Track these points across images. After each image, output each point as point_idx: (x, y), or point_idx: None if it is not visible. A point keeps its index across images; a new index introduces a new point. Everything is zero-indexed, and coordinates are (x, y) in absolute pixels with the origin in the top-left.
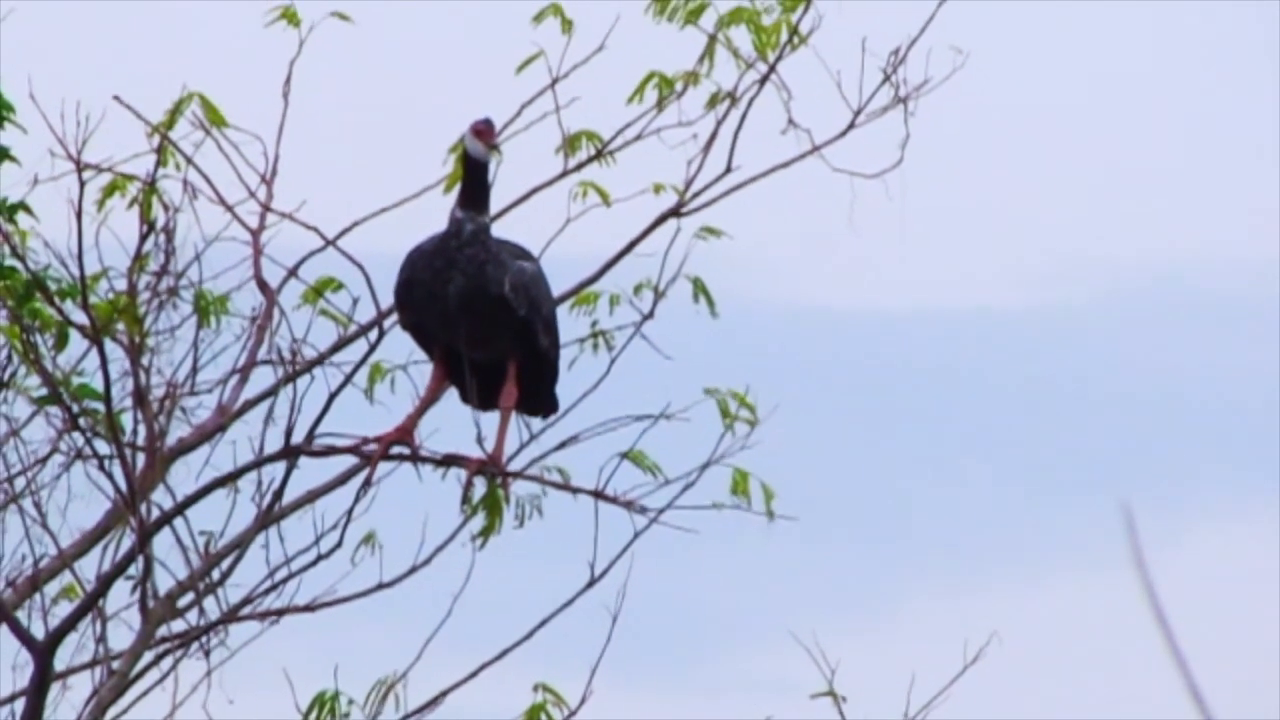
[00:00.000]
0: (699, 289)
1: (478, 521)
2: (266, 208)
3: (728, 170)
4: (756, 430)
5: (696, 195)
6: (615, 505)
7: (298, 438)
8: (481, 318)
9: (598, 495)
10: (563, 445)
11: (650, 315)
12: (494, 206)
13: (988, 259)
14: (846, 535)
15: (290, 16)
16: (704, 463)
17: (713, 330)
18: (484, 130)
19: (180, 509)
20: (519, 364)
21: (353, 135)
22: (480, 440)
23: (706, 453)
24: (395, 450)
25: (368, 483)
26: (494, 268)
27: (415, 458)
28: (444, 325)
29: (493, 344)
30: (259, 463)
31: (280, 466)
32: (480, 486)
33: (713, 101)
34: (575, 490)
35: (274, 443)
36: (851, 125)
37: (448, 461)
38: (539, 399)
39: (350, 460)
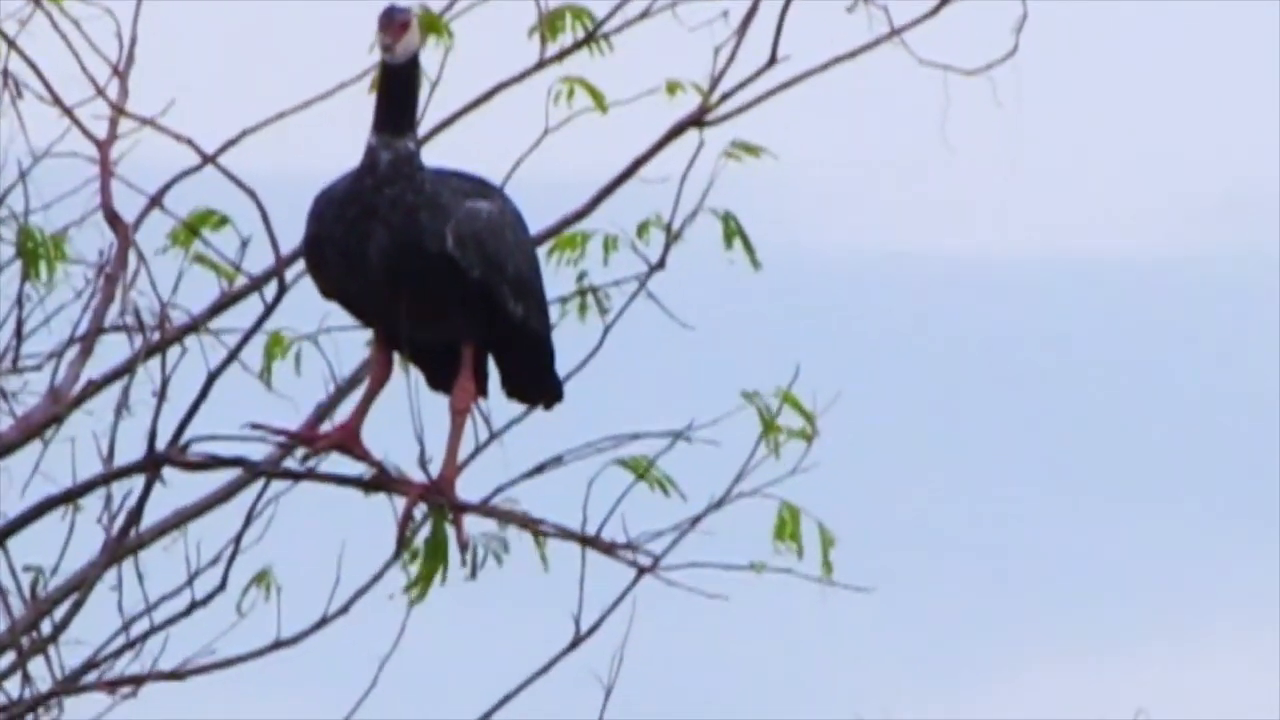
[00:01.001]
0: (731, 229)
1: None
2: (120, 110)
3: (771, 62)
4: (813, 445)
5: (727, 97)
6: (610, 555)
7: (163, 439)
8: (420, 285)
9: (585, 541)
10: (539, 470)
11: (661, 265)
12: (442, 111)
13: (1130, 191)
14: (931, 579)
15: None
16: (720, 497)
17: (748, 285)
18: (384, 23)
19: None
20: (477, 347)
21: (243, 10)
22: (424, 461)
23: (739, 464)
24: (286, 466)
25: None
26: (430, 214)
27: (319, 476)
28: (371, 297)
29: (442, 320)
30: (110, 476)
31: (139, 479)
32: (423, 521)
33: None
34: (554, 533)
35: (130, 443)
36: None
37: (377, 485)
38: (532, 385)
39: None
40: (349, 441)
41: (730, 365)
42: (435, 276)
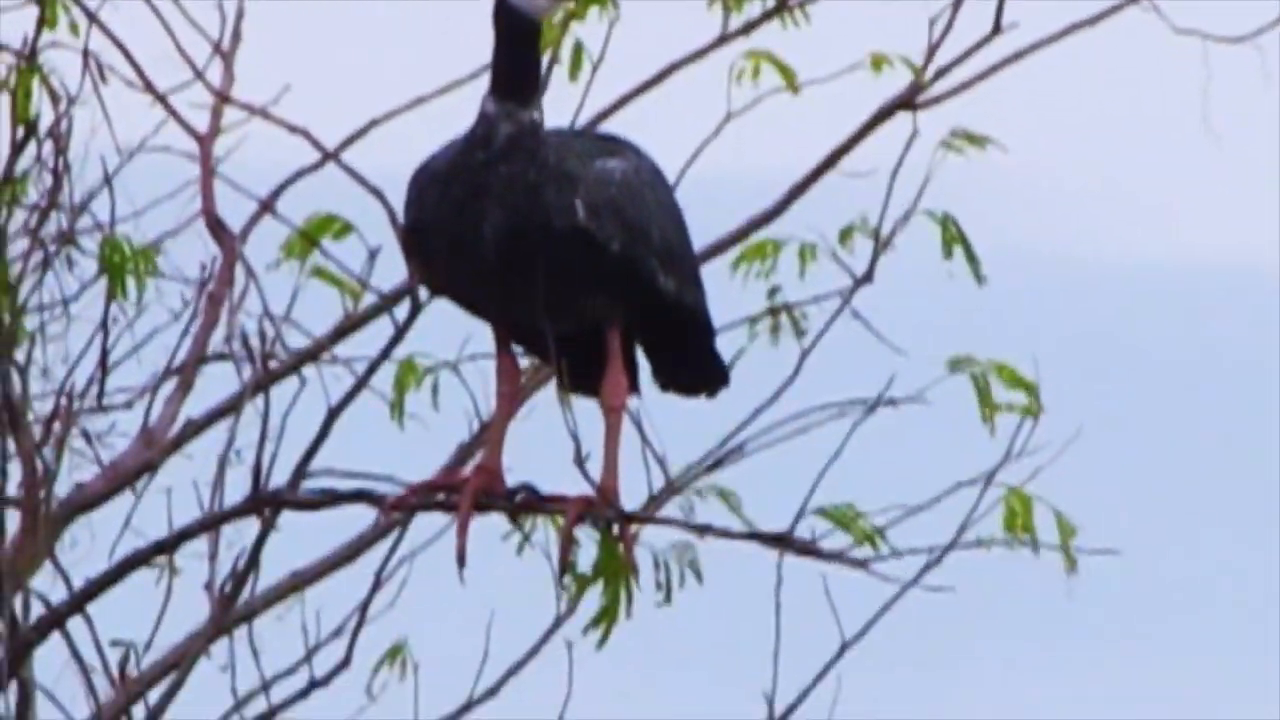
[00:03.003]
0: (950, 235)
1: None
2: (224, 98)
3: (995, 32)
4: (1040, 425)
5: (943, 74)
6: (815, 558)
7: (276, 480)
8: (548, 269)
9: (783, 542)
10: (718, 464)
11: (868, 278)
12: (605, 98)
13: None
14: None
15: None
16: (948, 488)
17: (972, 300)
18: None
19: (79, 603)
20: (624, 332)
21: None
22: (582, 461)
23: (954, 466)
24: (401, 497)
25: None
26: (555, 187)
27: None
28: (488, 289)
29: (578, 306)
30: (212, 522)
31: (247, 530)
32: (588, 541)
33: None
34: (744, 536)
35: (239, 493)
36: None
37: (530, 508)
38: (692, 369)
39: (361, 520)
40: (493, 484)
41: (946, 393)
42: (568, 256)
